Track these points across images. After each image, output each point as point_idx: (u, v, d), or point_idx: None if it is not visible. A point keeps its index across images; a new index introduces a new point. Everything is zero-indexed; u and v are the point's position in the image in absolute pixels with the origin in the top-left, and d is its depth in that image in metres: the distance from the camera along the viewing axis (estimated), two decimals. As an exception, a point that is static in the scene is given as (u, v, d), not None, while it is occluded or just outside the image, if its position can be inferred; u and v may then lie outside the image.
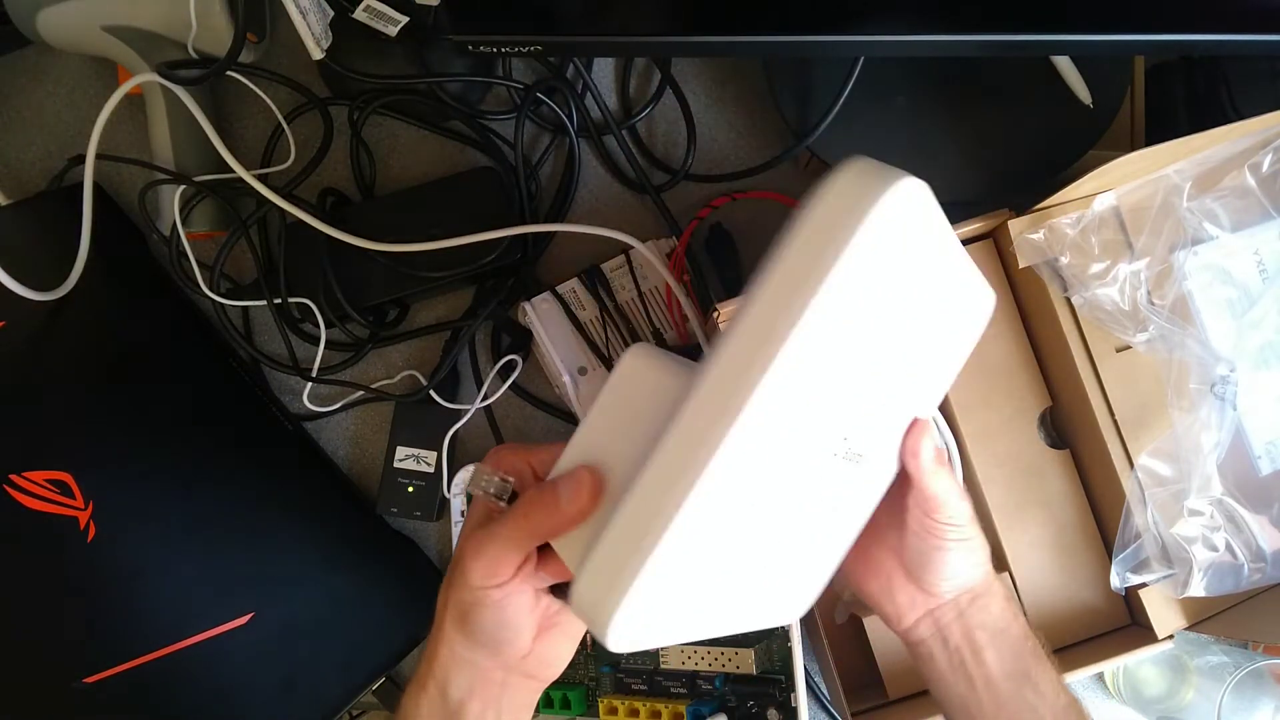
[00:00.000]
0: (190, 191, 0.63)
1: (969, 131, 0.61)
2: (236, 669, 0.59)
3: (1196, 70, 0.63)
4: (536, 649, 0.42)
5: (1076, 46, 0.53)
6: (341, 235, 0.61)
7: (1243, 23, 0.48)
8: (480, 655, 0.41)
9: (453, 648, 0.41)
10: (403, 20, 0.59)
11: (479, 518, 0.41)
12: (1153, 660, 0.64)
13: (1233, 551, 0.53)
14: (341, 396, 0.68)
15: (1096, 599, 0.59)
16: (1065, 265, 0.54)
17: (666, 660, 0.60)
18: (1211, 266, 0.55)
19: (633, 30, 0.53)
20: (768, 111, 0.68)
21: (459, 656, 0.41)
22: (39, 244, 0.63)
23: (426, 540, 0.68)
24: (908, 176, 0.32)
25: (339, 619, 0.62)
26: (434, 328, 0.68)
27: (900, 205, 0.32)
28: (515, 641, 0.41)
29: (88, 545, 0.57)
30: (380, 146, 0.69)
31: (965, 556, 0.45)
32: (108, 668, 0.57)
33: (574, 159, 0.67)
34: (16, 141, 0.69)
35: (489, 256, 0.62)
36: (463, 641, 0.41)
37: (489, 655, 0.41)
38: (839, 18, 0.50)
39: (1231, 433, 0.52)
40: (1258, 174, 0.54)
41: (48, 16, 0.60)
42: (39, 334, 0.60)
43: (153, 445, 0.60)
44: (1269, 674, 0.56)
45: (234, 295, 0.65)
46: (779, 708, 0.57)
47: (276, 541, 0.62)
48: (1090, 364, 0.55)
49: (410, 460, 0.66)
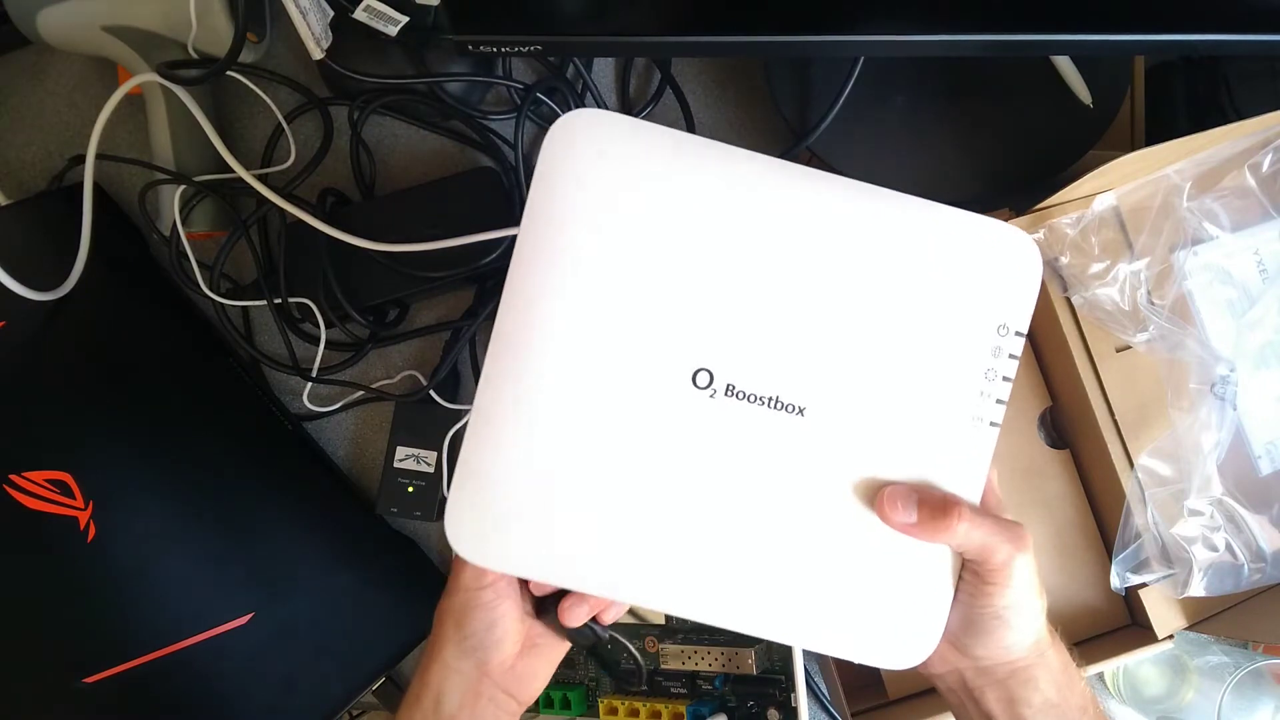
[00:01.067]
0: (190, 191, 0.63)
1: (969, 131, 0.61)
2: (236, 669, 0.59)
3: (1196, 70, 0.63)
4: (518, 665, 0.43)
5: (1076, 46, 0.53)
6: (341, 235, 0.61)
7: (1243, 23, 0.48)
8: (469, 664, 0.42)
9: (445, 658, 0.42)
10: (403, 20, 0.59)
11: None
12: (1153, 660, 0.64)
13: (1233, 551, 0.53)
14: (341, 396, 0.68)
15: (1096, 599, 0.59)
16: (1065, 265, 0.54)
17: (666, 660, 0.60)
18: (1211, 266, 0.55)
19: (633, 30, 0.53)
20: (768, 111, 0.68)
21: (450, 666, 0.42)
22: (39, 244, 0.62)
23: (426, 540, 0.68)
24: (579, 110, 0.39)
25: (339, 619, 0.62)
26: (434, 328, 0.68)
27: (572, 129, 0.38)
28: (502, 646, 0.42)
29: (88, 545, 0.57)
30: (380, 146, 0.69)
31: (1009, 627, 0.38)
32: (108, 668, 0.57)
33: (574, 159, 0.67)
34: (16, 141, 0.69)
35: (489, 256, 0.62)
36: (455, 649, 0.42)
37: (477, 665, 0.42)
38: (839, 18, 0.50)
39: (1231, 433, 0.52)
40: (1258, 174, 0.54)
41: (48, 16, 0.60)
42: (39, 334, 0.60)
43: (153, 445, 0.60)
44: (1269, 674, 0.56)
45: (234, 295, 0.65)
46: (779, 708, 0.57)
47: (276, 541, 0.62)
48: (1090, 364, 0.55)
49: (410, 460, 0.66)
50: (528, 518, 0.38)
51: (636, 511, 0.38)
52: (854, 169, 0.61)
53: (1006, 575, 0.37)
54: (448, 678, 0.42)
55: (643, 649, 0.61)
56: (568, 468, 0.38)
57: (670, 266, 0.38)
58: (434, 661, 0.43)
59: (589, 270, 0.38)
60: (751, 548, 0.38)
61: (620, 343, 0.37)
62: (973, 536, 0.37)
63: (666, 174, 0.38)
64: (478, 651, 0.42)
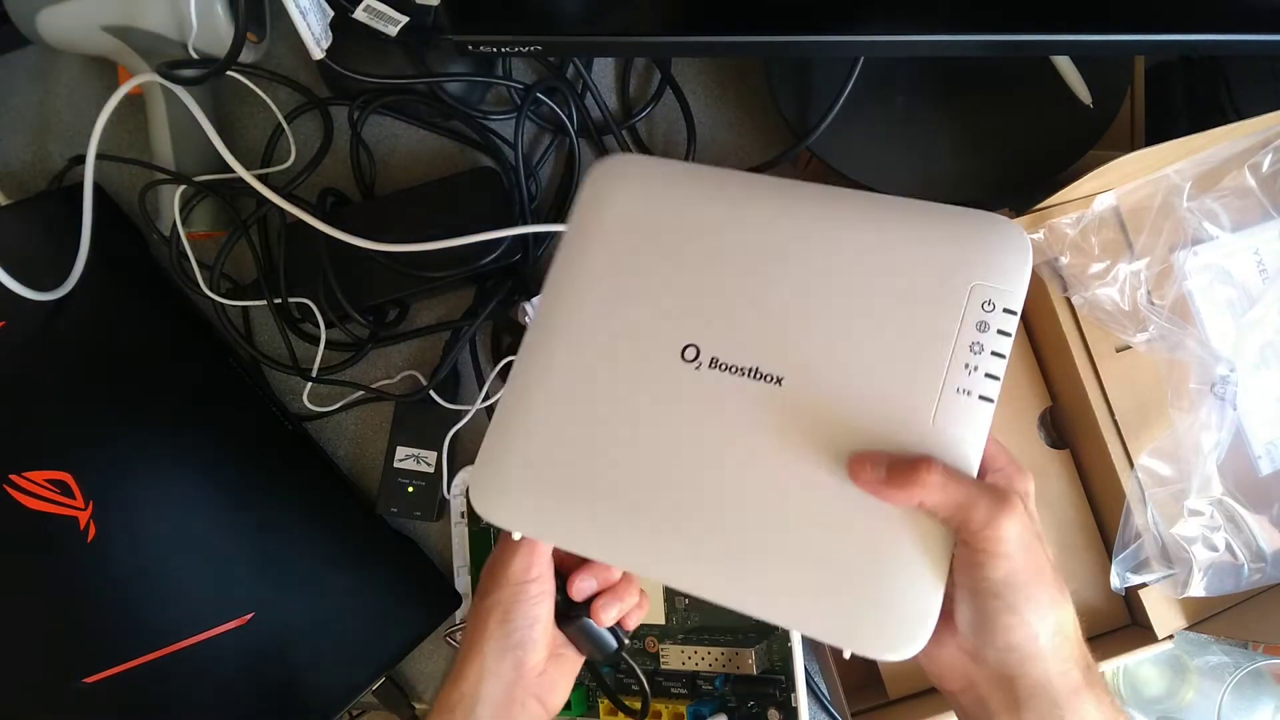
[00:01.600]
0: (190, 191, 0.63)
1: (969, 131, 0.61)
2: (236, 669, 0.59)
3: (1196, 70, 0.63)
4: (548, 669, 0.44)
5: (1076, 46, 0.53)
6: (341, 235, 0.61)
7: (1243, 23, 0.48)
8: (507, 664, 0.43)
9: (485, 659, 0.43)
10: (403, 20, 0.59)
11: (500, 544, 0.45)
12: (1153, 660, 0.64)
13: (1233, 551, 0.53)
14: (341, 396, 0.68)
15: (1096, 599, 0.59)
16: (1065, 265, 0.54)
17: (667, 660, 0.60)
18: (1211, 266, 0.55)
19: (633, 30, 0.53)
20: (768, 111, 0.68)
21: (489, 668, 0.43)
22: (39, 244, 0.63)
23: (426, 540, 0.68)
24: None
25: (339, 619, 0.62)
26: (434, 328, 0.68)
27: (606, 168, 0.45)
28: (539, 647, 0.43)
29: (88, 545, 0.57)
30: (380, 146, 0.69)
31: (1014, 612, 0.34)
32: (108, 668, 0.57)
33: (574, 159, 0.67)
34: (16, 141, 0.69)
35: (489, 256, 0.62)
36: (497, 646, 0.43)
37: (515, 665, 0.43)
38: (839, 18, 0.50)
39: (1231, 433, 0.52)
40: (1258, 174, 0.54)
41: (48, 16, 0.60)
42: (39, 334, 0.60)
43: (153, 446, 0.61)
44: (1269, 674, 0.56)
45: (234, 295, 0.65)
46: (779, 708, 0.57)
47: (276, 541, 0.62)
48: (1090, 364, 0.55)
49: (410, 460, 0.66)
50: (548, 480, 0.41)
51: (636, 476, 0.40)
52: (854, 169, 0.61)
53: (994, 539, 0.34)
54: (484, 680, 0.42)
55: (643, 649, 0.61)
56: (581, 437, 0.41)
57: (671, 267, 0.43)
58: (470, 664, 0.43)
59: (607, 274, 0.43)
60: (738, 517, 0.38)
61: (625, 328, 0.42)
62: (948, 492, 0.34)
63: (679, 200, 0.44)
64: (519, 649, 0.42)
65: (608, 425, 0.41)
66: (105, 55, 0.63)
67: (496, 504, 0.42)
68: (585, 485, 0.40)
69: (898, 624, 0.35)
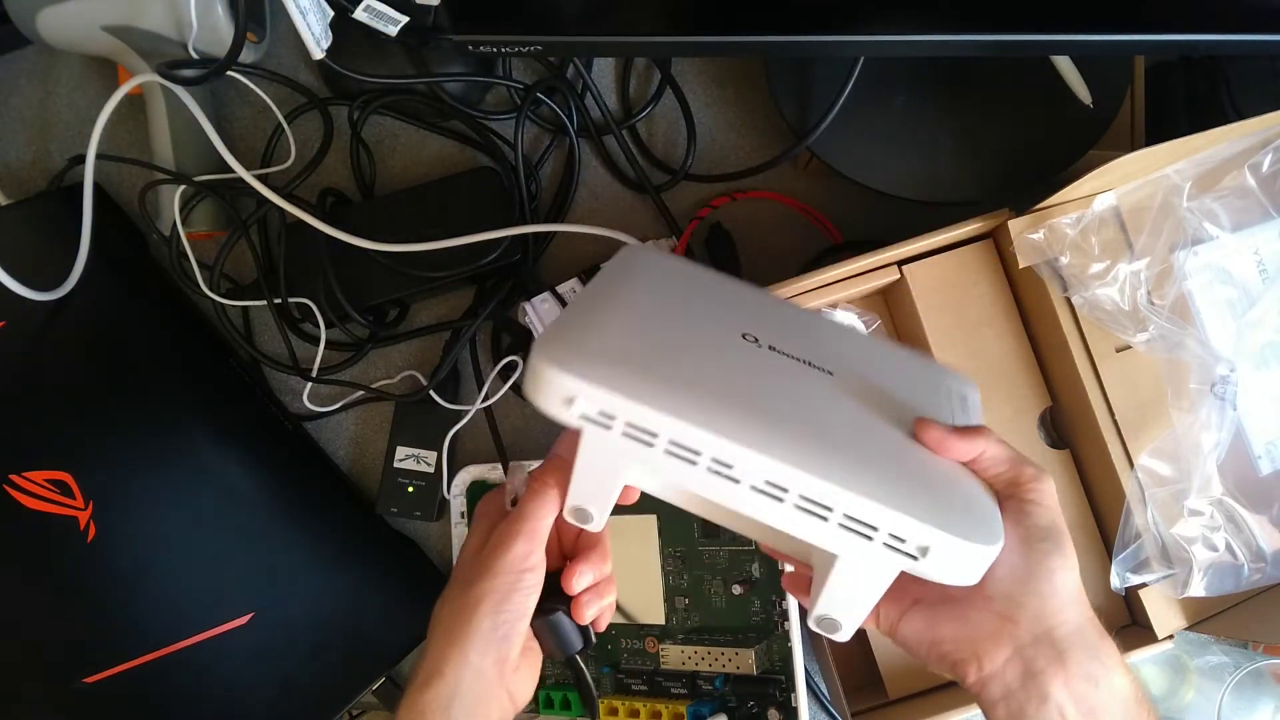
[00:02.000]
0: (190, 191, 0.63)
1: (969, 131, 0.61)
2: (236, 669, 0.59)
3: (1196, 70, 0.63)
4: (521, 664, 0.43)
5: (1076, 46, 0.53)
6: (341, 235, 0.61)
7: (1243, 23, 0.48)
8: (490, 659, 0.41)
9: (467, 653, 0.41)
10: (403, 20, 0.59)
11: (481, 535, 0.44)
12: (1153, 660, 0.64)
13: (1233, 551, 0.53)
14: (341, 396, 0.68)
15: (1096, 599, 0.58)
16: (1065, 265, 0.54)
17: (667, 660, 0.60)
18: (1211, 266, 0.55)
19: (633, 30, 0.53)
20: (768, 111, 0.68)
21: (471, 663, 0.41)
22: (39, 244, 0.63)
23: (426, 540, 0.68)
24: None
25: (339, 619, 0.62)
26: (434, 328, 0.68)
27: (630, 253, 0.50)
28: (520, 640, 0.42)
29: (88, 545, 0.58)
30: (380, 146, 0.69)
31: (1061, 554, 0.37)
32: (108, 668, 0.57)
33: (574, 159, 0.67)
34: (17, 141, 0.69)
35: (489, 256, 0.62)
36: (483, 640, 0.41)
37: (497, 662, 0.41)
38: (839, 18, 0.50)
39: (1231, 433, 0.52)
40: (1258, 174, 0.54)
41: (48, 16, 0.60)
42: (39, 334, 0.61)
43: (153, 445, 0.61)
44: (1269, 674, 0.56)
45: (234, 295, 0.65)
46: (779, 708, 0.57)
47: (276, 541, 0.62)
48: (1090, 364, 0.55)
49: (410, 460, 0.66)
50: (648, 358, 0.39)
51: (738, 377, 0.40)
52: (854, 169, 0.61)
53: (1043, 492, 0.39)
54: (464, 675, 0.41)
55: (643, 649, 0.61)
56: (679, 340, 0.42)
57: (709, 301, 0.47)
58: (448, 657, 0.41)
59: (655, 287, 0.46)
60: (838, 424, 0.40)
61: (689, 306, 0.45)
62: (1002, 450, 0.40)
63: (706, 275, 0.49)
64: (505, 642, 0.41)
65: (699, 347, 0.41)
66: (105, 55, 0.63)
67: (583, 365, 0.36)
68: (692, 373, 0.38)
69: (986, 522, 0.38)
